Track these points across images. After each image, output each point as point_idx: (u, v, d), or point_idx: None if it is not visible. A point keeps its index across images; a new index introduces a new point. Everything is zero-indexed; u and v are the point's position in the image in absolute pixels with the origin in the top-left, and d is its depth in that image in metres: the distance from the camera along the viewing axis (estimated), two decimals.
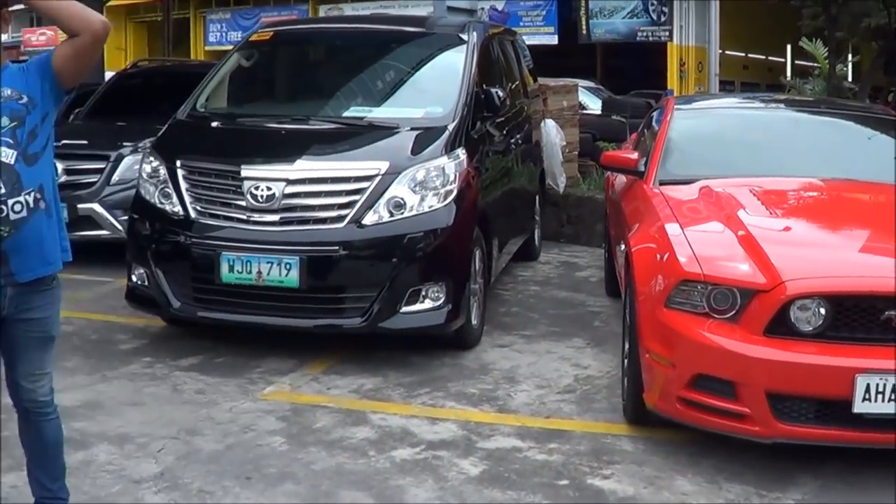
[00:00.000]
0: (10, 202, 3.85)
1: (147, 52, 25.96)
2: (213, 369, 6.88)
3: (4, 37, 4.09)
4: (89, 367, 6.94)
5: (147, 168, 7.48)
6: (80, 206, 10.05)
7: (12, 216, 3.86)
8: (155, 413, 6.07)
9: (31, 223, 3.92)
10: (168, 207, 7.19)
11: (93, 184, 10.17)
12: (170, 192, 7.20)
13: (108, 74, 15.55)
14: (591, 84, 19.85)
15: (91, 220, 10.08)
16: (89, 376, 6.75)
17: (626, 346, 5.98)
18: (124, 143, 10.36)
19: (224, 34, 24.81)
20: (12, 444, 4.54)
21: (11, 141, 3.87)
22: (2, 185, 3.83)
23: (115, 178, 10.12)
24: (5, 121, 3.87)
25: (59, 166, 10.02)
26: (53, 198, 4.04)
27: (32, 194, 3.91)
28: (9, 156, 3.85)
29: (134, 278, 7.39)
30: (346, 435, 5.70)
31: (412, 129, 7.36)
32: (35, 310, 4.10)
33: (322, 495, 4.93)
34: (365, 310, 6.78)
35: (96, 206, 10.07)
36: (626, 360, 5.97)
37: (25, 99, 3.92)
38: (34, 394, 4.21)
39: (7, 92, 3.90)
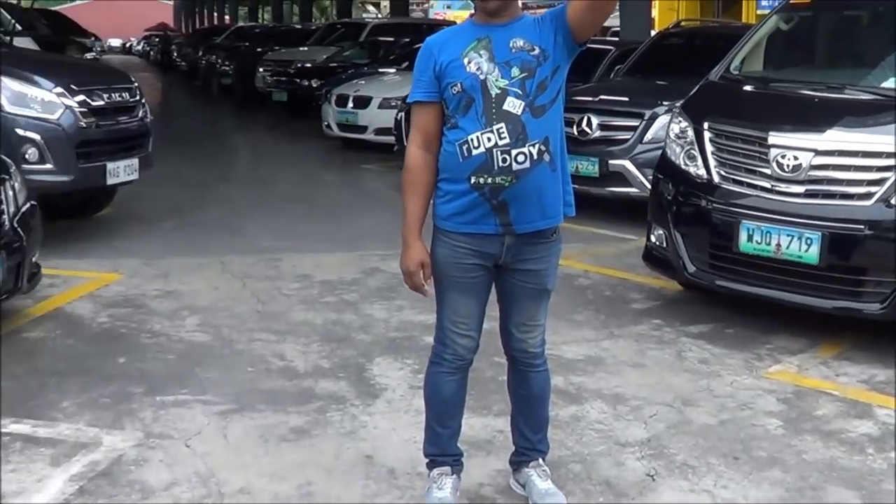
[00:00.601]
0: (513, 152, 3.87)
1: (698, 13, 25.86)
2: (720, 340, 6.76)
3: None
4: (598, 323, 7.05)
5: (675, 128, 7.45)
6: (611, 161, 10.26)
7: (515, 166, 3.88)
8: (654, 377, 6.06)
9: (532, 175, 3.91)
10: (692, 170, 7.13)
11: (626, 140, 10.35)
12: (695, 154, 7.14)
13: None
14: None
15: (621, 177, 10.27)
16: (597, 332, 6.86)
17: None
18: (661, 102, 10.40)
19: None
20: (505, 389, 4.62)
21: (520, 92, 3.89)
22: (507, 135, 3.87)
23: (648, 136, 10.22)
24: (515, 71, 3.89)
25: (595, 121, 10.30)
26: (560, 151, 4.01)
27: (537, 146, 3.90)
28: (516, 106, 3.88)
29: (653, 238, 7.43)
30: (846, 427, 5.37)
31: None
32: (532, 261, 4.12)
33: (808, 488, 4.67)
34: (885, 296, 6.33)
35: (627, 163, 10.23)
36: None
37: (537, 51, 3.92)
38: (524, 344, 4.27)
39: (519, 43, 3.92)
